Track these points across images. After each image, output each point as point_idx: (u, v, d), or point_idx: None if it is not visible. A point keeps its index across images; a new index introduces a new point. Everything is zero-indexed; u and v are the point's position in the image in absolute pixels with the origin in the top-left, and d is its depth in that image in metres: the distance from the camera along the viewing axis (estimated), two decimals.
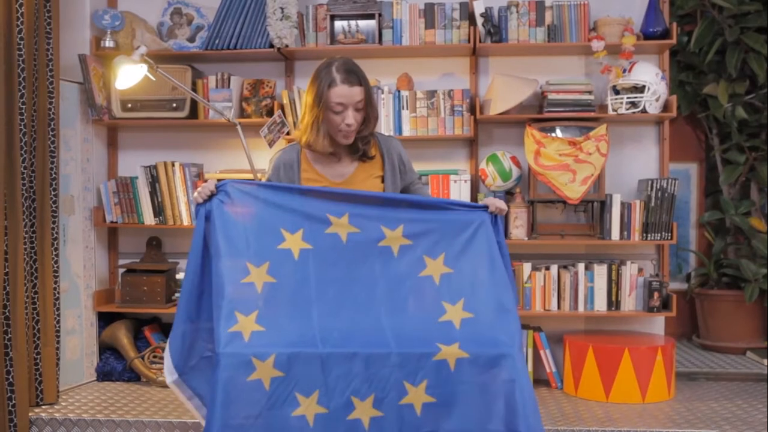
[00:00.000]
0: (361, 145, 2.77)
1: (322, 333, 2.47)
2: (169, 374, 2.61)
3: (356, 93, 2.66)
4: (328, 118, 2.68)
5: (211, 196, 2.61)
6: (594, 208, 4.04)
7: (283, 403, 2.40)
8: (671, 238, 3.94)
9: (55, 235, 3.63)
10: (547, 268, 4.01)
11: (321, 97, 2.66)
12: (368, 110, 2.72)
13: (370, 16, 4.07)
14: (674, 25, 3.98)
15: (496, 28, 4.01)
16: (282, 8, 3.96)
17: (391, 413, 2.43)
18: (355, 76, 2.68)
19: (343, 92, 2.64)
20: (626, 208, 3.93)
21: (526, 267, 3.99)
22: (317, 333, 2.46)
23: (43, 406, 3.57)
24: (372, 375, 2.42)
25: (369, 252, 2.60)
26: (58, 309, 3.66)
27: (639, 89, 3.90)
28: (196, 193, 2.61)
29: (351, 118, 2.66)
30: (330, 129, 2.70)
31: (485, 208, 2.67)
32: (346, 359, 2.42)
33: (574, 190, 3.86)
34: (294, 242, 2.59)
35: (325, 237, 2.60)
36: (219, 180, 2.68)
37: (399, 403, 2.43)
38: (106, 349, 4.15)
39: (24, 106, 3.44)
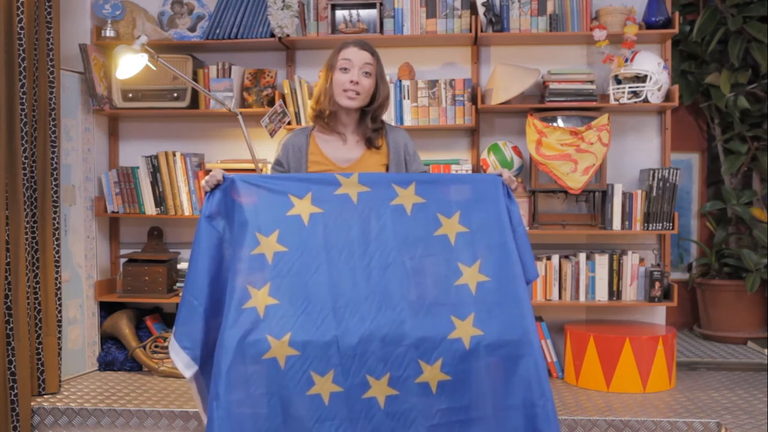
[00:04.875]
0: (370, 126, 2.78)
1: (336, 306, 2.45)
2: (187, 369, 2.53)
3: (365, 56, 2.75)
4: (335, 78, 2.73)
5: (217, 185, 2.61)
6: (595, 198, 4.04)
7: (298, 381, 2.39)
8: (672, 228, 3.93)
9: (57, 225, 3.63)
10: (549, 258, 4.01)
11: (331, 61, 2.76)
12: (378, 81, 2.76)
13: (371, 6, 4.06)
14: (676, 14, 3.97)
15: (497, 18, 4.00)
16: None
17: (406, 391, 2.42)
18: (367, 45, 2.79)
19: (352, 52, 2.74)
20: (627, 197, 3.93)
21: None
22: (331, 307, 2.44)
23: (45, 396, 3.58)
24: (387, 354, 2.41)
25: (381, 211, 2.55)
26: (59, 299, 3.67)
27: (641, 79, 3.89)
28: (203, 182, 2.62)
29: (356, 76, 2.71)
30: (335, 89, 2.74)
31: (498, 175, 2.65)
32: (362, 339, 2.41)
33: (576, 179, 3.85)
34: (303, 207, 2.55)
35: (335, 198, 2.56)
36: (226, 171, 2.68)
37: (414, 382, 2.42)
38: (108, 338, 4.16)
39: (24, 96, 3.43)
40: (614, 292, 3.99)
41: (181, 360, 2.55)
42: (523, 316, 2.48)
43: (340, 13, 4.07)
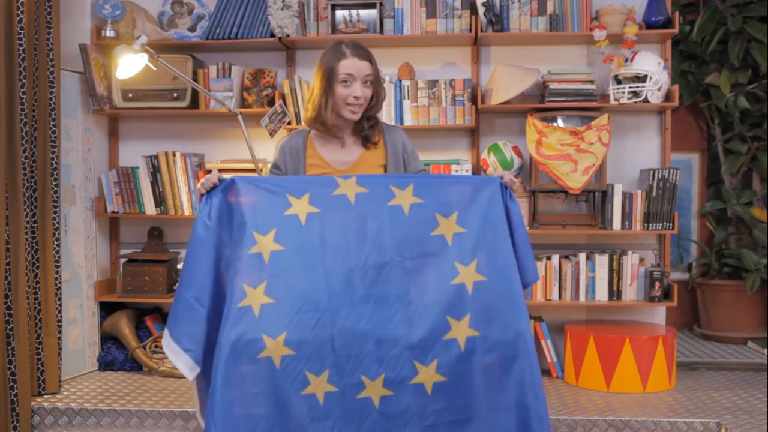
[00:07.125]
0: (366, 126, 2.79)
1: (332, 306, 2.44)
2: (191, 371, 2.51)
3: (365, 66, 2.72)
4: (336, 91, 2.71)
5: (213, 188, 2.60)
6: (595, 198, 4.04)
7: (293, 381, 2.39)
8: (672, 228, 3.93)
9: (57, 225, 3.63)
10: (549, 258, 4.01)
11: (330, 71, 2.71)
12: (376, 87, 2.76)
13: (371, 6, 4.06)
14: (676, 14, 3.97)
15: (497, 18, 4.00)
16: None
17: (401, 393, 2.41)
18: (364, 51, 2.75)
19: (353, 64, 2.70)
20: (627, 197, 3.93)
21: None
22: (326, 307, 2.43)
23: (45, 396, 3.58)
24: (382, 355, 2.41)
25: (378, 211, 2.54)
26: (59, 299, 3.67)
27: (641, 79, 3.89)
28: (199, 185, 2.60)
29: (359, 91, 2.70)
30: (337, 103, 2.73)
31: (499, 178, 2.64)
32: (357, 339, 2.41)
33: (576, 179, 3.85)
34: (300, 207, 2.54)
35: (332, 199, 2.55)
36: (221, 173, 2.68)
37: (409, 383, 2.41)
38: (108, 338, 4.16)
39: (24, 96, 3.43)
40: (614, 292, 3.99)
41: (184, 362, 2.52)
42: (518, 318, 2.47)
43: (340, 13, 4.07)
